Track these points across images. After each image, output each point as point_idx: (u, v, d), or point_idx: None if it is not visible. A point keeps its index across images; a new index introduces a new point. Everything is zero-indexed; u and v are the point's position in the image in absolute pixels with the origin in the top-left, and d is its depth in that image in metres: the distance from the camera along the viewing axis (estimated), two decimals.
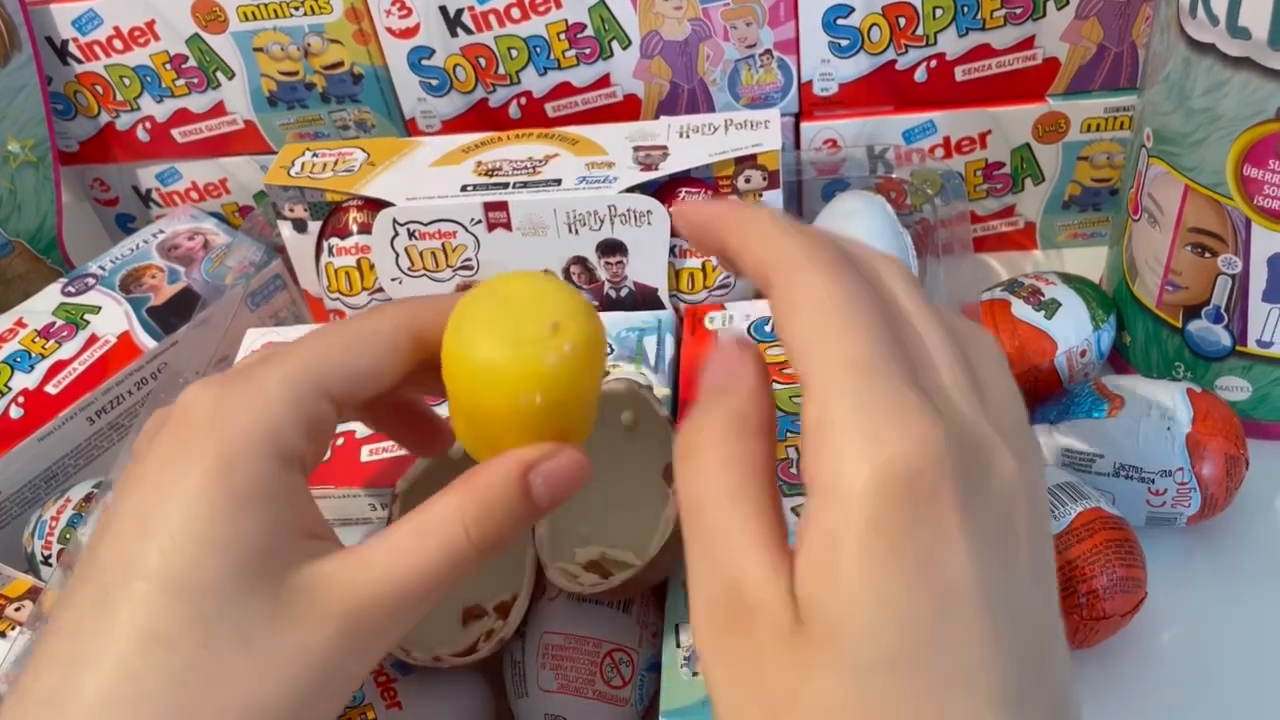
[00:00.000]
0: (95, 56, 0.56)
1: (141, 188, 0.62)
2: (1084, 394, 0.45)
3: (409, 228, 0.49)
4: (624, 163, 0.48)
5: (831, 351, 0.20)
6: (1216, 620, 0.42)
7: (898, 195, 0.53)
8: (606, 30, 0.52)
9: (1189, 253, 0.44)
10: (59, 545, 0.46)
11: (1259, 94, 0.39)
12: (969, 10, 0.50)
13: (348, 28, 0.54)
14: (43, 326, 0.52)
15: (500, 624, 0.38)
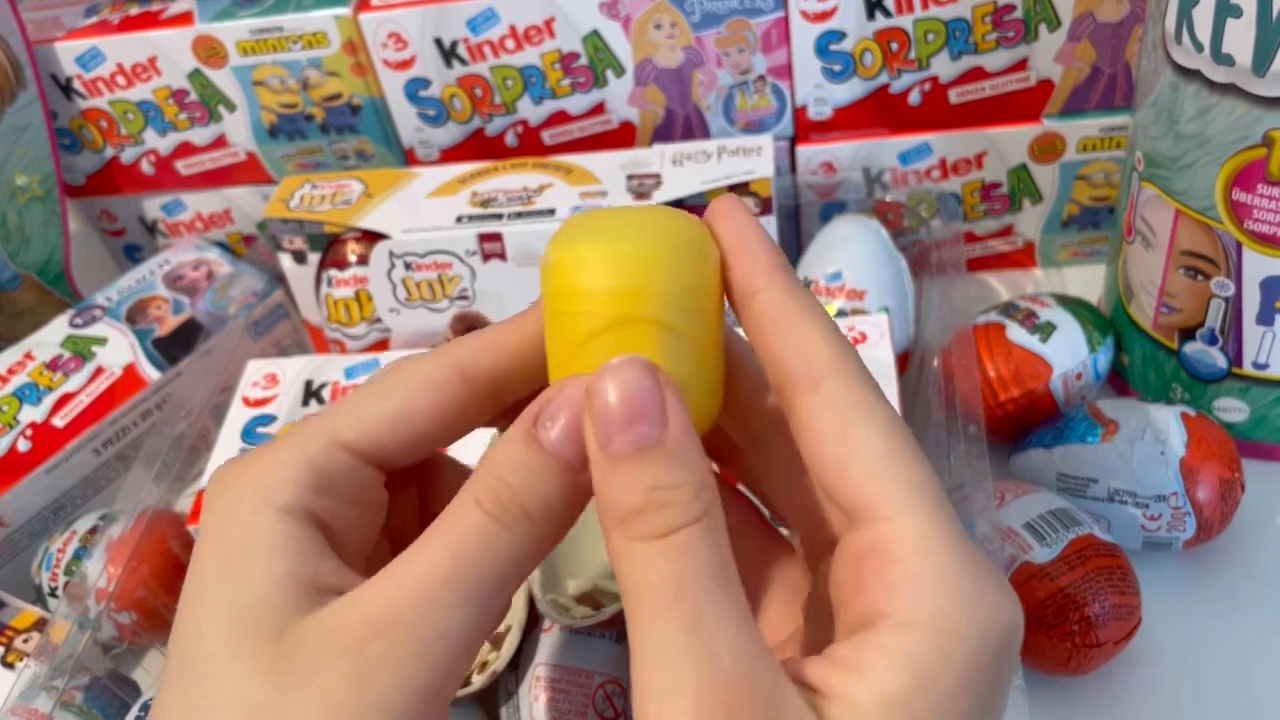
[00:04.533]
0: (99, 92, 0.57)
1: (147, 219, 0.63)
2: (1079, 418, 0.45)
3: (405, 259, 0.49)
4: (617, 191, 0.49)
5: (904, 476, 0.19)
6: (1213, 645, 0.42)
7: (894, 217, 0.53)
8: (600, 59, 0.53)
9: (1182, 275, 0.44)
10: (65, 577, 0.47)
11: (1245, 119, 0.39)
12: (961, 34, 0.51)
13: (345, 60, 0.54)
14: (50, 359, 0.53)
15: (494, 655, 0.38)
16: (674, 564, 0.18)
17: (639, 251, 0.19)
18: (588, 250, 0.19)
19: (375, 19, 0.53)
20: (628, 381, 0.19)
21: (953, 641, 0.18)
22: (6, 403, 0.51)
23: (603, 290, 0.19)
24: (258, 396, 0.48)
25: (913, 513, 0.19)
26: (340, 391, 0.47)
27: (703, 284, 0.20)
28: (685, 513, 0.19)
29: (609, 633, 0.39)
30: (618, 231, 0.20)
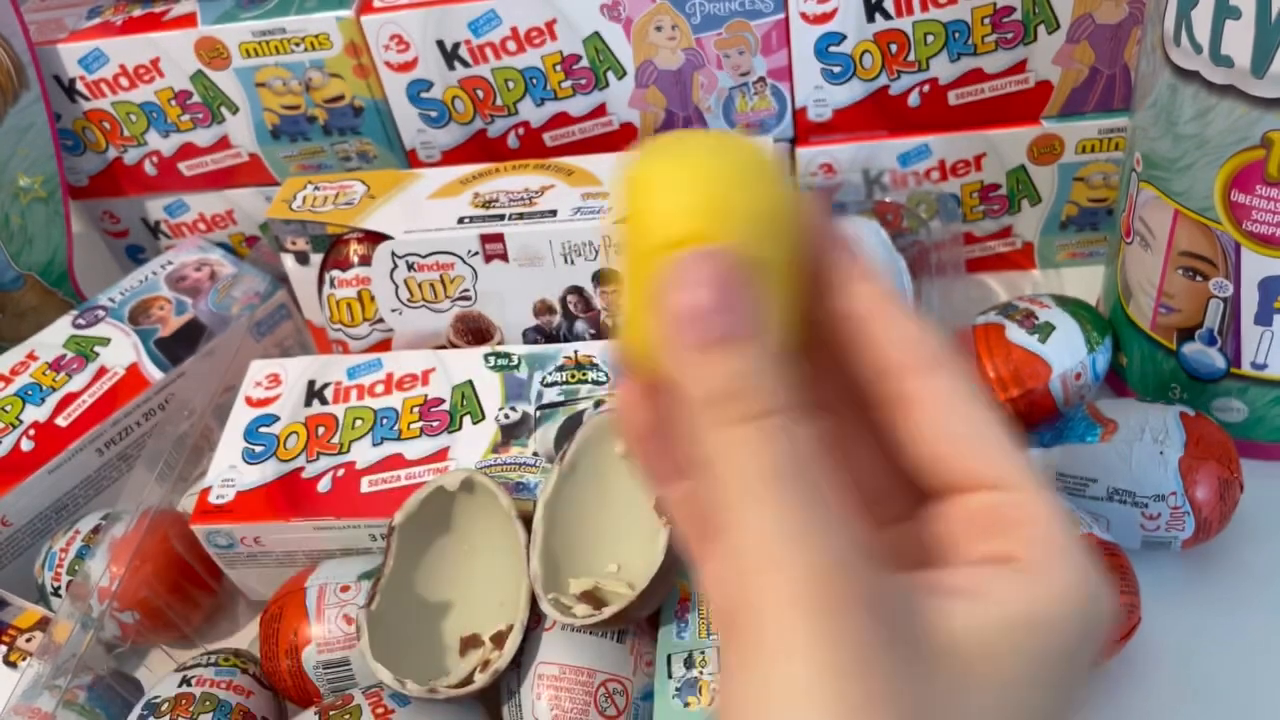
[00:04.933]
0: (102, 94, 0.57)
1: (150, 220, 0.63)
2: (1077, 418, 0.45)
3: (407, 260, 0.49)
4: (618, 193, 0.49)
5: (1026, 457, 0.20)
6: (1211, 644, 0.42)
7: (894, 218, 0.53)
8: (601, 61, 0.53)
9: (1180, 276, 0.45)
10: (68, 576, 0.47)
11: (1244, 120, 0.39)
12: (960, 36, 0.51)
13: (347, 62, 0.54)
14: (53, 359, 0.53)
15: (496, 654, 0.39)
16: (771, 449, 0.18)
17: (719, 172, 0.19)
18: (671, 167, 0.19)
19: (377, 21, 0.53)
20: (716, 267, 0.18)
21: (1075, 605, 0.19)
22: (10, 403, 0.51)
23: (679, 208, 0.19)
24: (260, 396, 0.48)
25: (1042, 490, 0.20)
26: (343, 392, 0.48)
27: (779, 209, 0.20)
28: (774, 401, 0.19)
29: (611, 631, 0.39)
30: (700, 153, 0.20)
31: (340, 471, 0.44)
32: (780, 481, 0.18)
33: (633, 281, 0.20)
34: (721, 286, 0.18)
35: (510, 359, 0.47)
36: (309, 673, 0.41)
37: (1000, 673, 0.18)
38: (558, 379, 0.46)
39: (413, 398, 0.46)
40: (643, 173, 0.20)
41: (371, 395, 0.47)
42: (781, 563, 0.18)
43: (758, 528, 0.18)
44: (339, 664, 0.41)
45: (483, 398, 0.46)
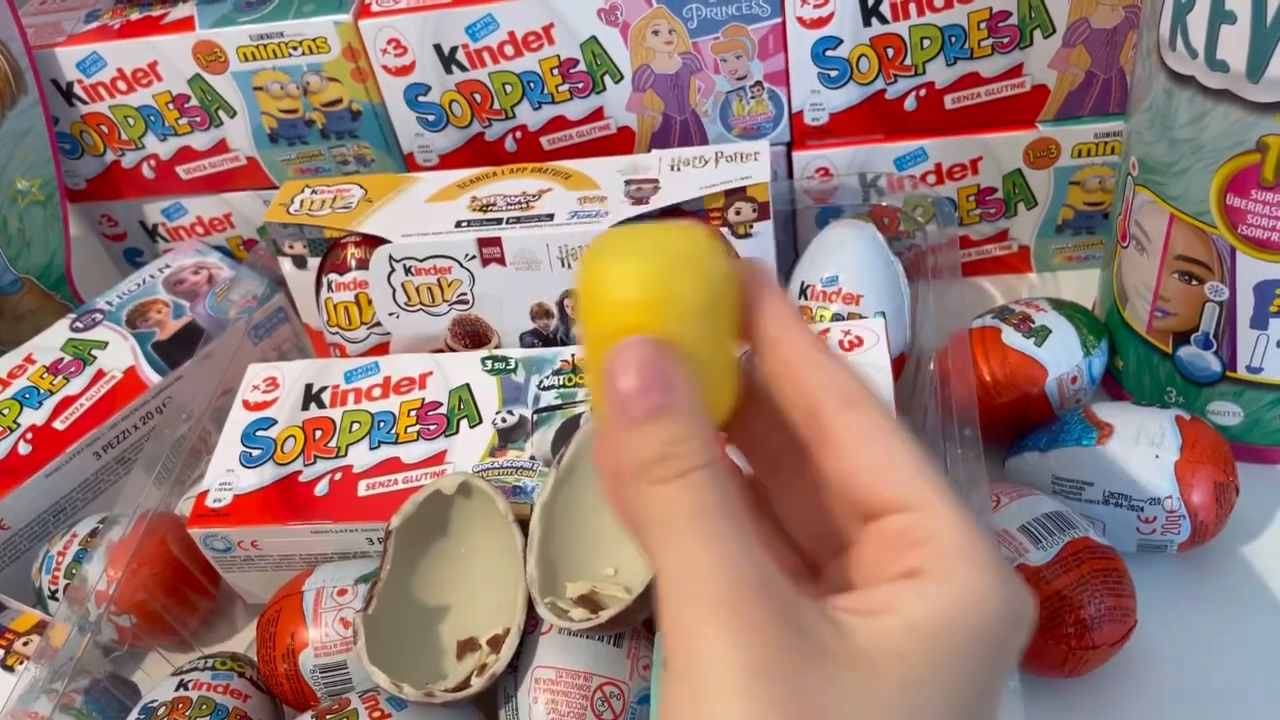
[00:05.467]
0: (100, 97, 0.57)
1: (148, 223, 0.63)
2: (1074, 421, 0.45)
3: (405, 264, 0.49)
4: (615, 196, 0.49)
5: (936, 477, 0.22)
6: (1208, 647, 0.42)
7: (890, 222, 0.53)
8: (599, 65, 0.53)
9: (1176, 280, 0.45)
10: (65, 580, 0.47)
11: (1239, 125, 0.39)
12: (956, 40, 0.51)
13: (345, 66, 0.55)
14: (51, 362, 0.53)
15: (493, 658, 0.39)
16: (692, 496, 0.21)
17: (650, 269, 0.22)
18: (608, 266, 0.22)
19: (375, 25, 0.53)
20: (637, 354, 0.22)
21: (981, 607, 0.20)
22: (7, 406, 0.51)
23: (618, 302, 0.22)
24: (258, 400, 0.48)
25: (950, 505, 0.22)
26: (340, 396, 0.48)
27: (707, 295, 0.23)
28: (699, 458, 0.21)
29: (607, 635, 0.39)
30: (638, 249, 0.23)
31: (337, 475, 0.44)
32: (699, 520, 0.21)
33: (591, 364, 0.23)
34: (644, 371, 0.22)
35: (507, 362, 0.47)
36: (306, 676, 0.41)
37: (910, 671, 0.20)
38: (555, 382, 0.46)
39: (410, 401, 0.47)
40: (589, 271, 0.23)
41: (369, 399, 0.47)
42: (699, 590, 0.20)
43: (678, 560, 0.20)
44: (336, 668, 0.41)
45: (480, 401, 0.46)
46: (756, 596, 0.20)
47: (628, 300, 0.22)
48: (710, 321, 0.23)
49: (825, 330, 0.46)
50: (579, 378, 0.46)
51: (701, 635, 0.20)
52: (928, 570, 0.21)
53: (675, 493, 0.21)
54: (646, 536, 0.21)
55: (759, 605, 0.20)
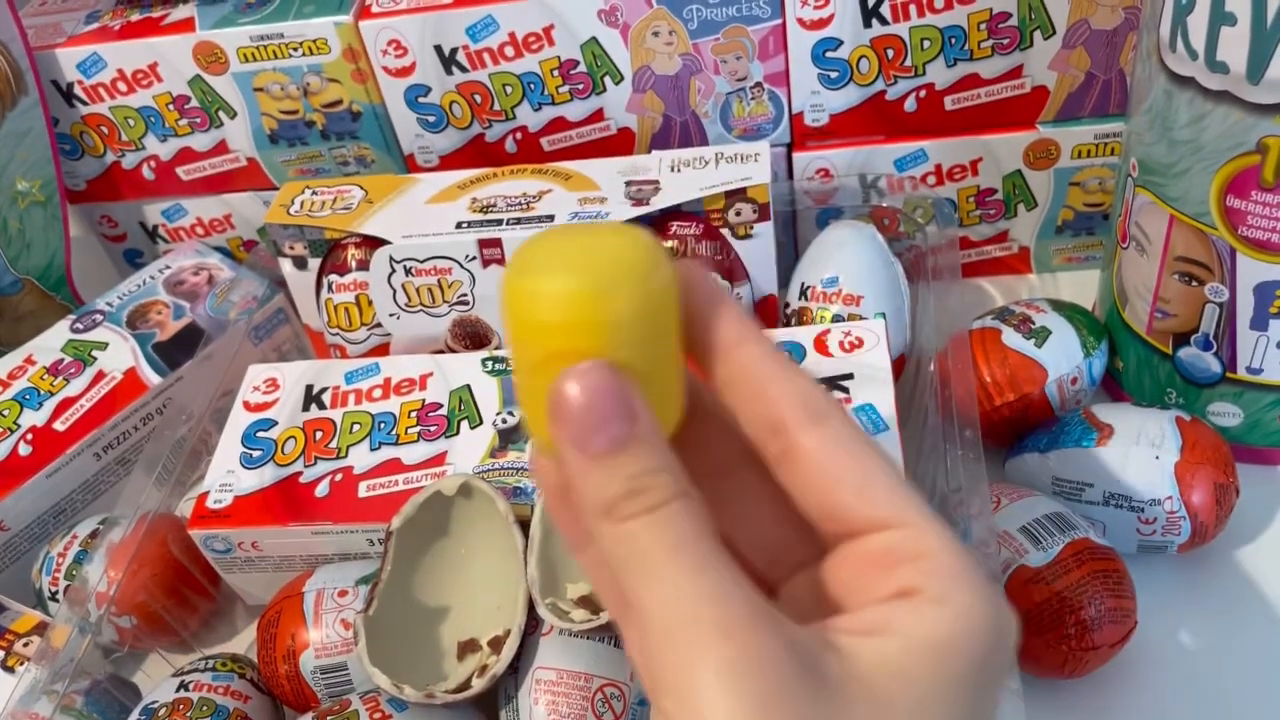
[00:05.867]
0: (100, 98, 0.57)
1: (148, 224, 0.63)
2: (1074, 422, 0.45)
3: (405, 265, 0.49)
4: (616, 197, 0.49)
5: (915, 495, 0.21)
6: (1208, 648, 0.42)
7: (890, 223, 0.53)
8: (599, 66, 0.53)
9: (1176, 281, 0.45)
10: (66, 581, 0.47)
11: (1239, 126, 0.39)
12: (956, 41, 0.51)
13: (345, 67, 0.55)
14: (51, 363, 0.53)
15: (494, 659, 0.39)
16: (666, 532, 0.20)
17: (583, 286, 0.20)
18: (538, 284, 0.20)
19: (375, 26, 0.53)
20: (592, 383, 0.20)
21: (978, 625, 0.20)
22: (7, 407, 0.51)
23: (551, 324, 0.20)
24: (258, 401, 0.48)
25: (934, 523, 0.21)
26: (341, 397, 0.48)
27: (646, 309, 0.20)
28: (668, 490, 0.20)
29: (608, 636, 0.39)
30: (568, 263, 0.20)
31: (338, 476, 0.44)
32: (680, 553, 0.19)
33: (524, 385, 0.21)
34: (601, 400, 0.20)
35: (508, 363, 0.47)
36: (306, 678, 0.41)
37: (916, 691, 0.19)
38: None
39: (410, 402, 0.47)
40: (516, 289, 0.20)
41: (369, 400, 0.47)
42: (688, 624, 0.19)
43: (663, 597, 0.19)
44: (336, 669, 0.41)
45: (480, 402, 0.46)
46: (753, 627, 0.19)
47: (561, 320, 0.20)
48: (653, 334, 0.21)
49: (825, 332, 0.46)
50: None
51: (697, 674, 0.18)
52: (923, 589, 0.20)
53: (647, 529, 0.20)
54: (624, 576, 0.20)
55: (756, 636, 0.19)
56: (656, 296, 0.21)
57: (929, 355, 0.46)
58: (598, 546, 0.21)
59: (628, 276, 0.20)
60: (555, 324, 0.20)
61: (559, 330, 0.20)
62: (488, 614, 0.41)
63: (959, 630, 0.20)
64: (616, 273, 0.20)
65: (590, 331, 0.20)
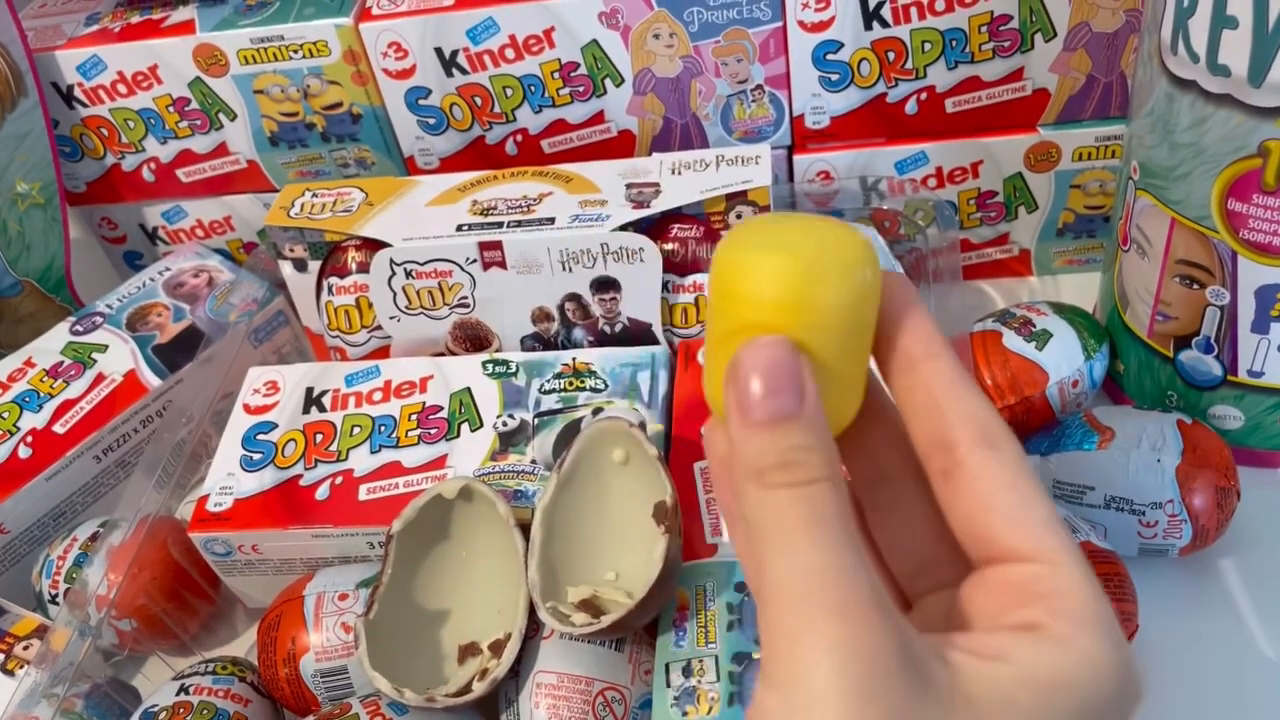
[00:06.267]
0: (100, 100, 0.57)
1: (148, 226, 0.63)
2: (1075, 425, 0.45)
3: (406, 267, 0.49)
4: (616, 200, 0.49)
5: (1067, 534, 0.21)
6: (1209, 651, 0.42)
7: (891, 225, 0.53)
8: (599, 68, 0.53)
9: (1178, 284, 0.45)
10: (66, 584, 0.47)
11: (1241, 129, 0.39)
12: (957, 44, 0.51)
13: (346, 69, 0.55)
14: (51, 366, 0.53)
15: (495, 663, 0.39)
16: (808, 508, 0.20)
17: (793, 267, 0.21)
18: (750, 257, 0.21)
19: (376, 28, 0.53)
20: (771, 356, 0.21)
21: (1097, 674, 0.20)
22: (7, 409, 0.51)
23: (753, 297, 0.21)
24: (259, 404, 0.48)
25: (1078, 564, 0.21)
26: (341, 399, 0.47)
27: (848, 303, 0.21)
28: (818, 471, 0.20)
29: (609, 640, 0.39)
30: (782, 243, 0.21)
31: (338, 479, 0.44)
32: (814, 531, 0.20)
33: (712, 353, 0.22)
34: (775, 374, 0.21)
35: (508, 366, 0.47)
36: (307, 681, 0.41)
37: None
38: (556, 386, 0.46)
39: (411, 405, 0.46)
40: (730, 257, 0.22)
41: (369, 402, 0.47)
42: (811, 598, 0.19)
43: (789, 569, 0.20)
44: (337, 672, 0.41)
45: (481, 405, 0.46)
46: (871, 614, 0.19)
47: (766, 298, 0.21)
48: (847, 329, 0.21)
49: None
50: (580, 382, 0.46)
51: (808, 645, 0.19)
52: (1049, 628, 0.20)
53: (791, 501, 0.20)
54: (759, 538, 0.21)
55: (872, 623, 0.19)
56: (859, 292, 0.21)
57: None
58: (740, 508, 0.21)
59: (837, 267, 0.21)
60: (755, 297, 0.21)
61: (758, 304, 0.21)
62: (488, 617, 0.41)
63: (1075, 672, 0.20)
64: (827, 261, 0.21)
65: (788, 311, 0.21)
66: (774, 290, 0.21)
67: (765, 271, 0.21)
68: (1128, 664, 0.20)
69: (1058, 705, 0.20)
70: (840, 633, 0.19)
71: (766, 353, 0.21)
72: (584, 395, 0.46)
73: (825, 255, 0.21)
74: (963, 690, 0.19)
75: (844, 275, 0.21)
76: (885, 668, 0.19)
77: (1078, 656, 0.20)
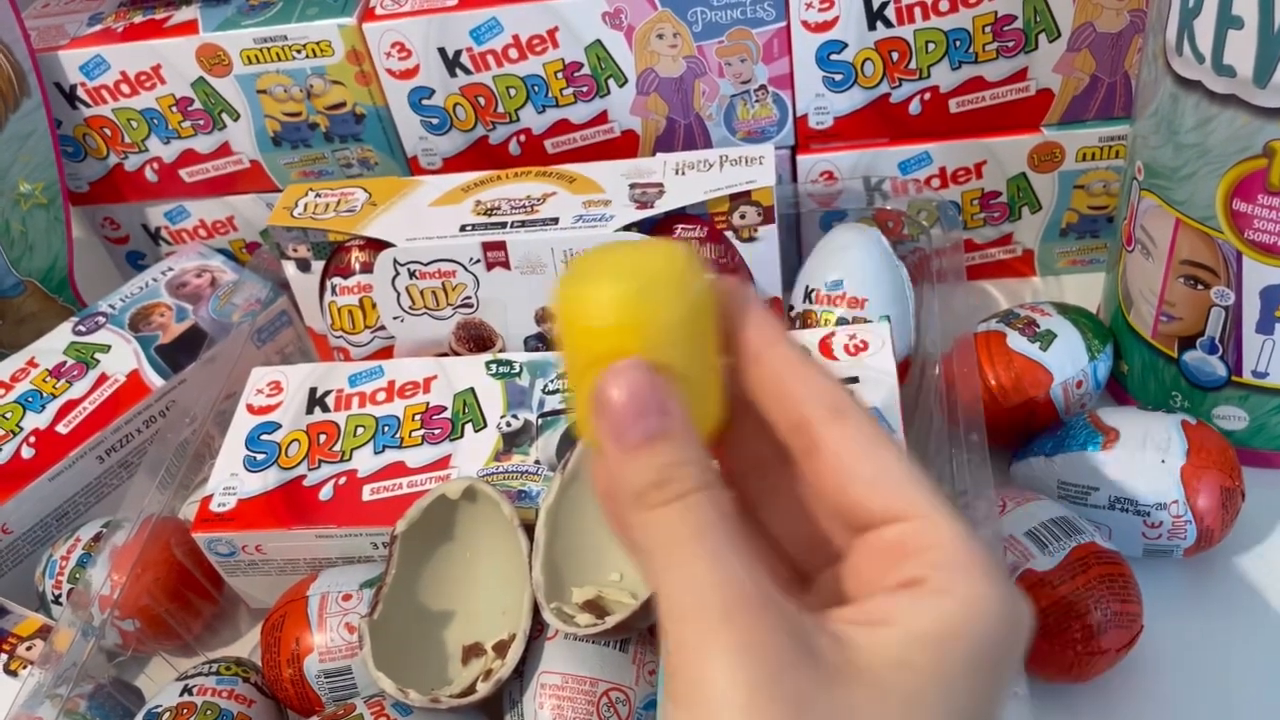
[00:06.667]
0: (103, 100, 0.57)
1: (151, 226, 0.63)
2: (1079, 426, 0.45)
3: (409, 267, 0.49)
4: (620, 200, 0.49)
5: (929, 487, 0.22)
6: (1214, 652, 0.42)
7: (894, 225, 0.53)
8: (603, 68, 0.53)
9: (1182, 285, 0.45)
10: (69, 584, 0.47)
11: (1246, 130, 0.39)
12: (961, 44, 0.51)
13: (349, 69, 0.54)
14: (54, 366, 0.53)
15: (499, 664, 0.39)
16: (690, 519, 0.21)
17: (628, 291, 0.22)
18: (585, 290, 0.22)
19: (379, 28, 0.53)
20: (629, 380, 0.21)
21: (982, 616, 0.20)
22: (10, 410, 0.51)
23: (598, 327, 0.22)
24: (262, 404, 0.48)
25: (945, 514, 0.22)
26: (345, 400, 0.47)
27: (687, 315, 0.22)
28: (696, 481, 0.21)
29: (613, 640, 0.39)
30: (614, 272, 0.22)
31: (342, 479, 0.44)
32: (698, 542, 0.21)
33: (574, 389, 0.23)
34: (636, 396, 0.21)
35: (512, 366, 0.47)
36: (311, 681, 0.40)
37: (914, 681, 0.20)
38: (559, 386, 0.46)
39: (414, 405, 0.46)
40: (566, 295, 0.23)
41: (373, 403, 0.47)
42: (700, 609, 0.20)
43: (679, 580, 0.20)
44: (341, 673, 0.40)
45: (484, 405, 0.46)
46: (759, 612, 0.20)
47: (608, 324, 0.22)
48: (692, 338, 0.23)
49: (830, 335, 0.46)
50: None
51: (705, 654, 0.19)
52: (927, 580, 0.21)
53: (674, 516, 0.21)
54: (648, 560, 0.21)
55: (762, 620, 0.20)
56: (694, 302, 0.22)
57: (934, 358, 0.46)
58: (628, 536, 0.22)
59: (667, 284, 0.22)
60: (600, 327, 0.22)
61: (604, 333, 0.22)
62: (492, 618, 0.40)
63: (961, 620, 0.20)
64: (657, 280, 0.22)
65: (632, 333, 0.22)
66: (615, 316, 0.22)
67: (603, 300, 0.22)
68: (1012, 598, 0.21)
69: (950, 655, 0.20)
70: (732, 637, 0.19)
71: (624, 377, 0.21)
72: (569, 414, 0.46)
73: (656, 274, 0.22)
74: (855, 663, 0.20)
75: (677, 289, 0.22)
76: (780, 660, 0.19)
77: (959, 603, 0.20)
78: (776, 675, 0.19)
